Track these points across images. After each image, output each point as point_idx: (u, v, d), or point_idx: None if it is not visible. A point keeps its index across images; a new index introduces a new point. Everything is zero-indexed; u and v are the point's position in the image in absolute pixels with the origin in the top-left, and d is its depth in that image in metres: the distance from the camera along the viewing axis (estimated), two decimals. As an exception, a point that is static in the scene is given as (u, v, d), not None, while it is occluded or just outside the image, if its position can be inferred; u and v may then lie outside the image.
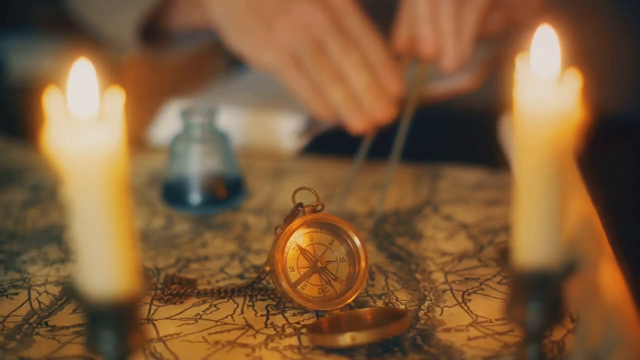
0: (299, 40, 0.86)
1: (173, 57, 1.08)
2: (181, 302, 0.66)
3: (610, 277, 0.55)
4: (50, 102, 0.44)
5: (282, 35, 0.87)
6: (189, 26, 1.01)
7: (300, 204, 0.65)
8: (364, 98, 0.85)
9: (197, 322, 0.63)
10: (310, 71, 0.86)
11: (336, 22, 0.86)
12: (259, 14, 0.88)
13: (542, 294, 0.49)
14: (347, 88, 0.85)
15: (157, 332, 0.62)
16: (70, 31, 1.48)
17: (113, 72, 1.16)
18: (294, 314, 0.64)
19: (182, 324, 0.63)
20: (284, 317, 0.64)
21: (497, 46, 1.01)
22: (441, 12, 0.86)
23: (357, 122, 0.85)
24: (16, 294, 0.67)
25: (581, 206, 0.63)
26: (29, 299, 0.66)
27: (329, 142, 0.96)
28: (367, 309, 0.63)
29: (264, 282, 0.67)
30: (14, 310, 0.65)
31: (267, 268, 0.64)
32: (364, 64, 0.86)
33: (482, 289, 0.67)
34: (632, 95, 1.05)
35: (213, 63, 1.23)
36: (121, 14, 0.98)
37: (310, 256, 0.64)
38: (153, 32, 1.02)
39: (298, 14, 0.86)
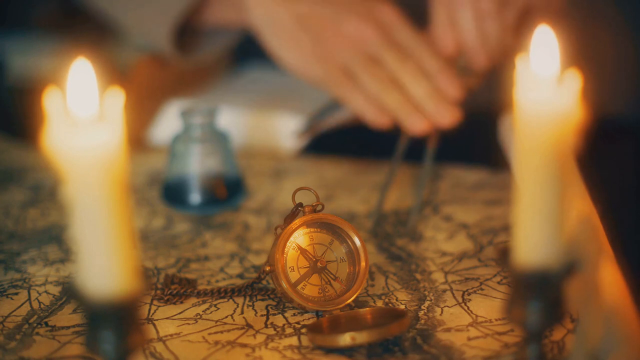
0: (350, 55, 0.85)
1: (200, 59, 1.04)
2: (181, 302, 0.66)
3: (610, 277, 0.55)
4: (50, 102, 0.44)
5: (333, 50, 0.86)
6: (221, 24, 0.98)
7: (300, 204, 0.65)
8: (426, 105, 0.83)
9: (197, 322, 0.63)
10: (364, 82, 0.85)
11: (387, 36, 0.85)
12: (307, 27, 0.87)
13: (542, 294, 0.49)
14: (404, 93, 0.84)
15: (157, 332, 0.62)
16: (70, 31, 1.48)
17: (117, 74, 1.16)
18: (294, 314, 0.64)
19: (182, 324, 0.63)
20: (284, 317, 0.64)
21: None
22: (486, 21, 0.85)
23: (418, 124, 0.83)
24: (16, 294, 0.67)
25: (581, 206, 0.63)
26: (29, 299, 0.66)
27: (329, 142, 0.96)
28: (367, 309, 0.63)
29: (264, 282, 0.67)
30: (14, 310, 0.65)
31: (267, 268, 0.64)
32: (422, 72, 0.84)
33: (482, 289, 0.67)
34: (632, 96, 1.05)
35: (214, 63, 1.22)
36: (155, 15, 0.94)
37: (310, 256, 0.64)
38: (189, 31, 0.99)
39: (349, 29, 0.85)
